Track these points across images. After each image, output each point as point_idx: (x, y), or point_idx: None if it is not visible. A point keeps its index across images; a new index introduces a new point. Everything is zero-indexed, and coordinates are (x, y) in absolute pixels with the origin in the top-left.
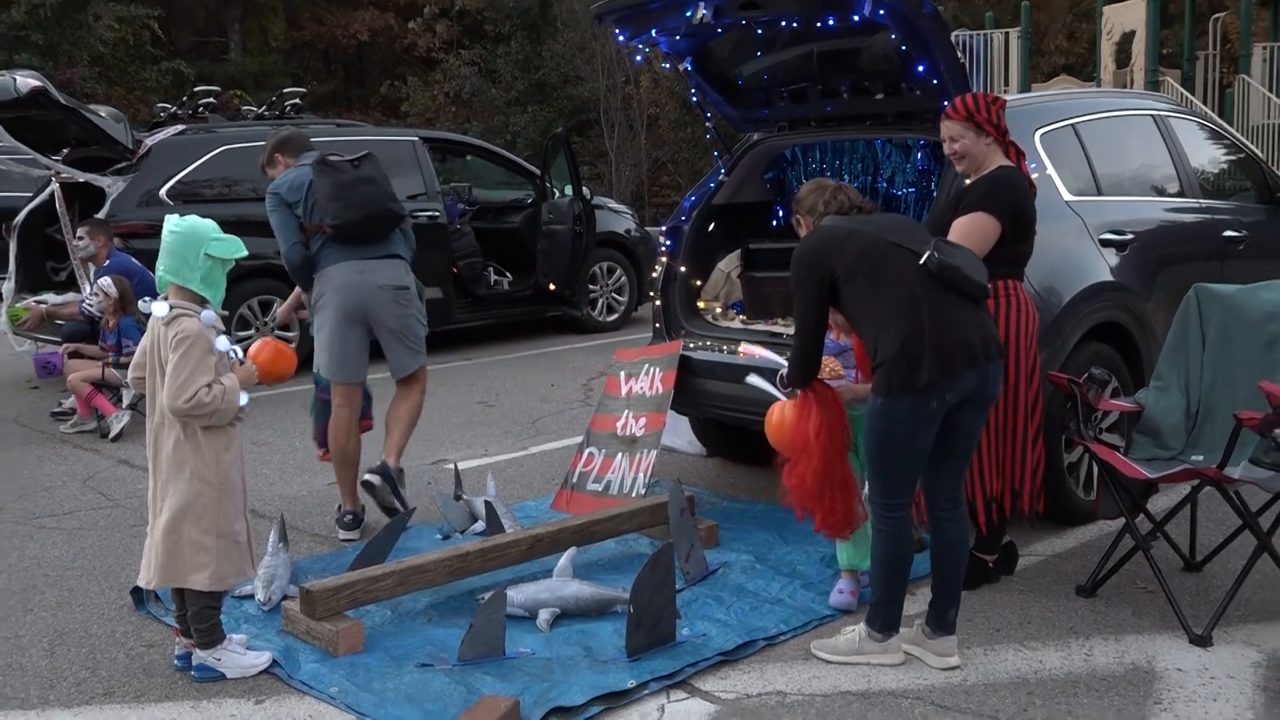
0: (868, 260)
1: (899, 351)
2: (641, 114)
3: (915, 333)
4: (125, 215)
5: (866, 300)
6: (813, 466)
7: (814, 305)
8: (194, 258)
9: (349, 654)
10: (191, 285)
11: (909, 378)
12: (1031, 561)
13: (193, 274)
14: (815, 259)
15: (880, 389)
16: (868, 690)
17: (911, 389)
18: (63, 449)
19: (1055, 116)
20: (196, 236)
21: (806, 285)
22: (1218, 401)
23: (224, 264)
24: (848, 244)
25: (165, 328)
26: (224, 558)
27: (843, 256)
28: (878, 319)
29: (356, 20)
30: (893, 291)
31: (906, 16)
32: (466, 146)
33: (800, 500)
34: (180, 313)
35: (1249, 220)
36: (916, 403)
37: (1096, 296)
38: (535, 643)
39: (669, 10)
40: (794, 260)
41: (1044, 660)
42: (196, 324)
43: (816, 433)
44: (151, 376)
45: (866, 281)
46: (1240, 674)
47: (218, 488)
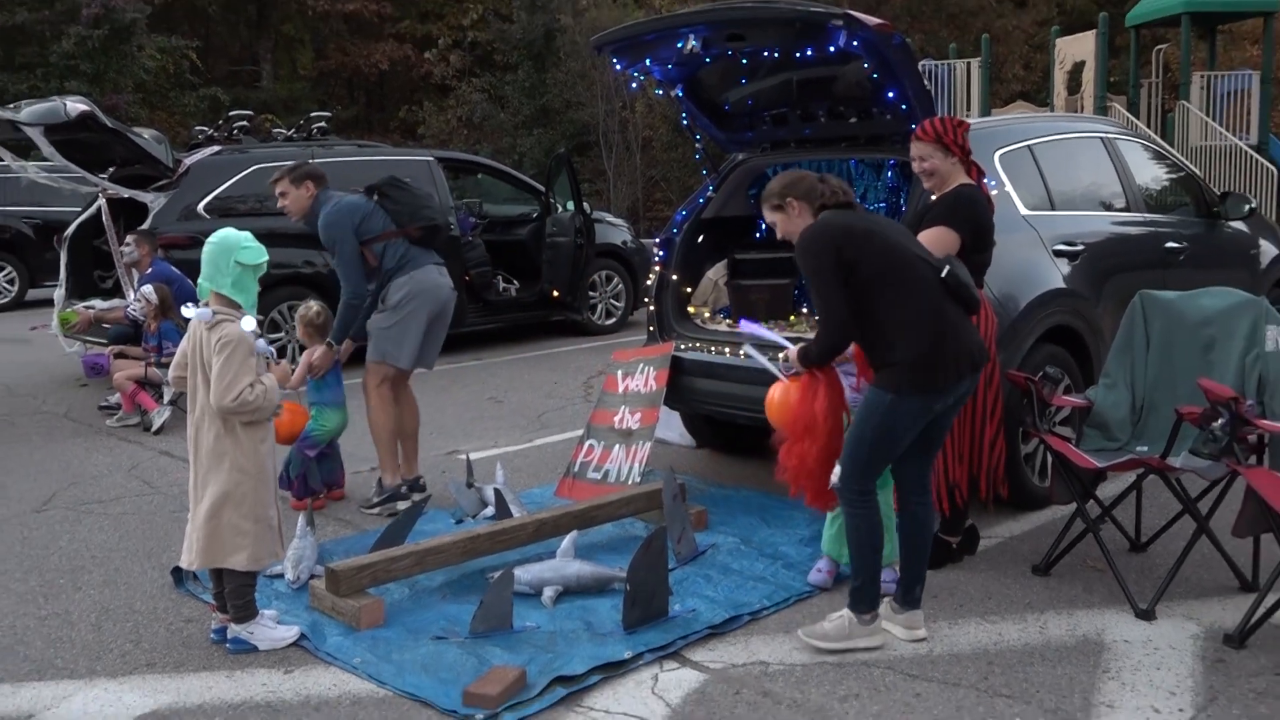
0: (894, 263)
1: (924, 355)
2: (637, 136)
3: (939, 339)
4: (166, 228)
5: (890, 301)
6: (816, 446)
7: (838, 288)
8: (226, 265)
9: (370, 628)
10: (224, 290)
11: (928, 380)
12: (991, 543)
13: (225, 280)
14: (833, 245)
15: (891, 386)
16: (842, 661)
17: (926, 390)
18: (109, 441)
19: (1013, 138)
20: (227, 246)
21: (826, 268)
22: (1160, 397)
23: (254, 271)
24: (871, 241)
25: (208, 332)
26: (259, 541)
27: (866, 251)
28: (901, 320)
29: (377, 51)
30: (919, 297)
31: (877, 47)
32: (477, 166)
33: (798, 478)
34: (222, 318)
35: (1188, 233)
36: (924, 403)
37: (1050, 302)
38: (540, 617)
39: (662, 41)
40: (809, 243)
41: (1003, 633)
42: (238, 328)
43: (824, 414)
44: (192, 376)
45: (895, 282)
46: (1181, 645)
47: (255, 477)
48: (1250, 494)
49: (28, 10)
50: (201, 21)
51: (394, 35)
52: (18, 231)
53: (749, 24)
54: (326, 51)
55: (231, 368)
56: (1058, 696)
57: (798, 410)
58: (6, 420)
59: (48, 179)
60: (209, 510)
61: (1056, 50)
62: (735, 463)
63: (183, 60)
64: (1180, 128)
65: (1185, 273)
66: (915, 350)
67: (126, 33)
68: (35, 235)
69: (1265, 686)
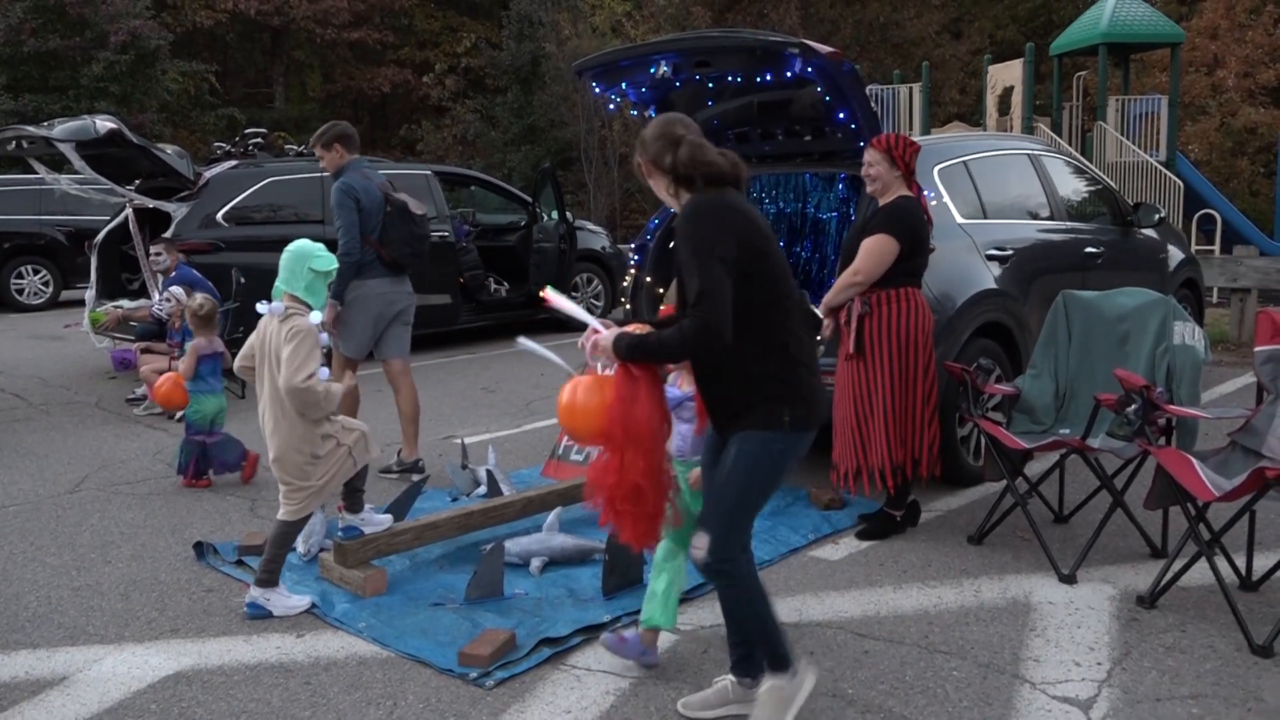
0: (783, 273)
1: (801, 385)
2: (614, 152)
3: (810, 367)
4: (188, 235)
5: (767, 319)
6: (644, 460)
7: (726, 271)
8: (301, 270)
9: (374, 596)
10: (298, 292)
11: (809, 413)
12: (931, 516)
13: (299, 283)
14: (734, 224)
15: (775, 422)
16: (799, 621)
17: (808, 426)
18: (136, 428)
19: (950, 154)
20: (303, 255)
21: (724, 243)
22: (1081, 385)
23: (325, 277)
24: (771, 243)
25: (280, 324)
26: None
27: (767, 251)
28: (775, 342)
29: (380, 75)
30: (791, 321)
31: (829, 72)
32: (471, 179)
33: (617, 504)
34: (293, 312)
35: (1106, 239)
36: (802, 441)
37: (983, 301)
38: (528, 585)
39: (636, 67)
40: (703, 213)
41: (941, 596)
42: (307, 321)
43: (651, 417)
44: (260, 365)
45: (776, 297)
46: (1099, 606)
47: (306, 456)
48: (1160, 471)
49: (60, 37)
50: (220, 48)
51: (395, 61)
52: (52, 238)
53: (715, 51)
54: (334, 75)
55: (300, 354)
56: (990, 652)
57: (617, 412)
58: (42, 409)
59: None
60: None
61: (989, 76)
62: None
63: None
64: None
65: (1102, 275)
66: (791, 377)
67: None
68: (68, 241)
69: (1173, 642)
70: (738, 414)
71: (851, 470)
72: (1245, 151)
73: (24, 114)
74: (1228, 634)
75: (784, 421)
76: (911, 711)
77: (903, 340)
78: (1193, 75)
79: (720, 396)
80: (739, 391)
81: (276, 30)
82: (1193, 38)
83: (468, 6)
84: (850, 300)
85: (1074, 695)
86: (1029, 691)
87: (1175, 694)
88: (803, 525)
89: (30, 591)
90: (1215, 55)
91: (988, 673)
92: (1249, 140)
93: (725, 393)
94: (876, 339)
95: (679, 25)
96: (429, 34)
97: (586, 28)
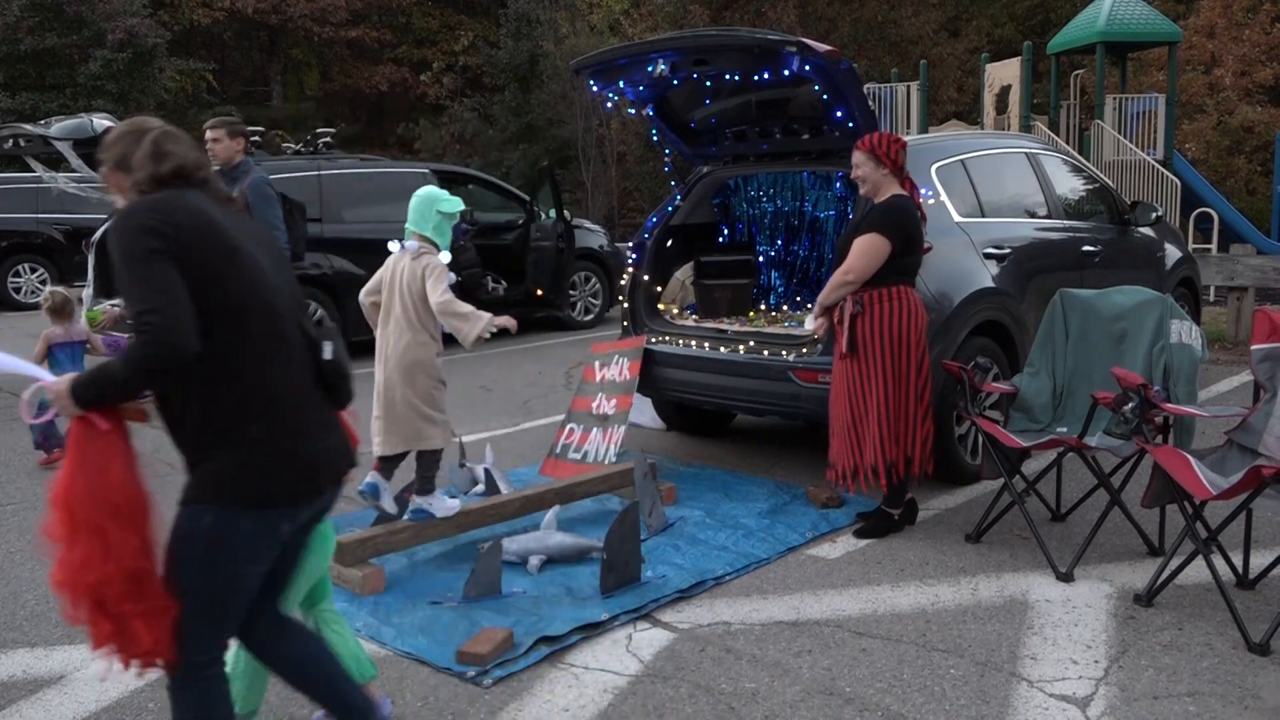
0: (251, 293)
1: (255, 447)
2: (612, 151)
3: (282, 426)
4: None
5: (227, 349)
6: (135, 539)
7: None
8: (429, 213)
9: (372, 594)
10: (427, 233)
11: (264, 488)
12: (929, 514)
13: (428, 225)
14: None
15: (207, 495)
16: (797, 620)
17: (267, 503)
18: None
19: (947, 153)
20: (431, 199)
21: (155, 263)
22: (1078, 384)
23: (450, 219)
24: (235, 259)
25: (413, 261)
26: (445, 426)
27: (225, 269)
28: (225, 379)
29: (377, 74)
30: (264, 356)
31: (827, 71)
32: (469, 177)
33: (111, 603)
34: (425, 251)
35: (1103, 238)
36: (266, 523)
37: (980, 300)
38: (526, 583)
39: (634, 66)
40: (134, 228)
41: (939, 594)
42: (439, 259)
43: (130, 482)
44: (390, 296)
45: (235, 322)
46: (1096, 604)
47: (437, 380)
48: (1157, 470)
49: (58, 35)
50: (218, 46)
51: (393, 59)
52: (49, 237)
53: (713, 50)
54: (331, 74)
55: (442, 283)
56: (988, 650)
57: (85, 482)
58: None
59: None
60: (406, 407)
61: (986, 75)
62: (701, 444)
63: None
64: (1095, 144)
65: (1100, 273)
66: (242, 434)
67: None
68: (65, 240)
69: (1170, 640)
70: (190, 470)
71: (848, 469)
72: (1242, 150)
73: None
74: (1225, 632)
75: (216, 494)
76: (909, 709)
77: (895, 338)
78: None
79: (183, 444)
80: (192, 444)
81: (274, 28)
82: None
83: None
84: (843, 299)
85: (1071, 693)
86: (1026, 689)
87: (1172, 692)
88: (801, 523)
89: (28, 590)
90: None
91: (985, 670)
92: (1246, 139)
93: (184, 441)
94: (869, 338)
95: (677, 23)
96: (426, 32)
97: (584, 26)
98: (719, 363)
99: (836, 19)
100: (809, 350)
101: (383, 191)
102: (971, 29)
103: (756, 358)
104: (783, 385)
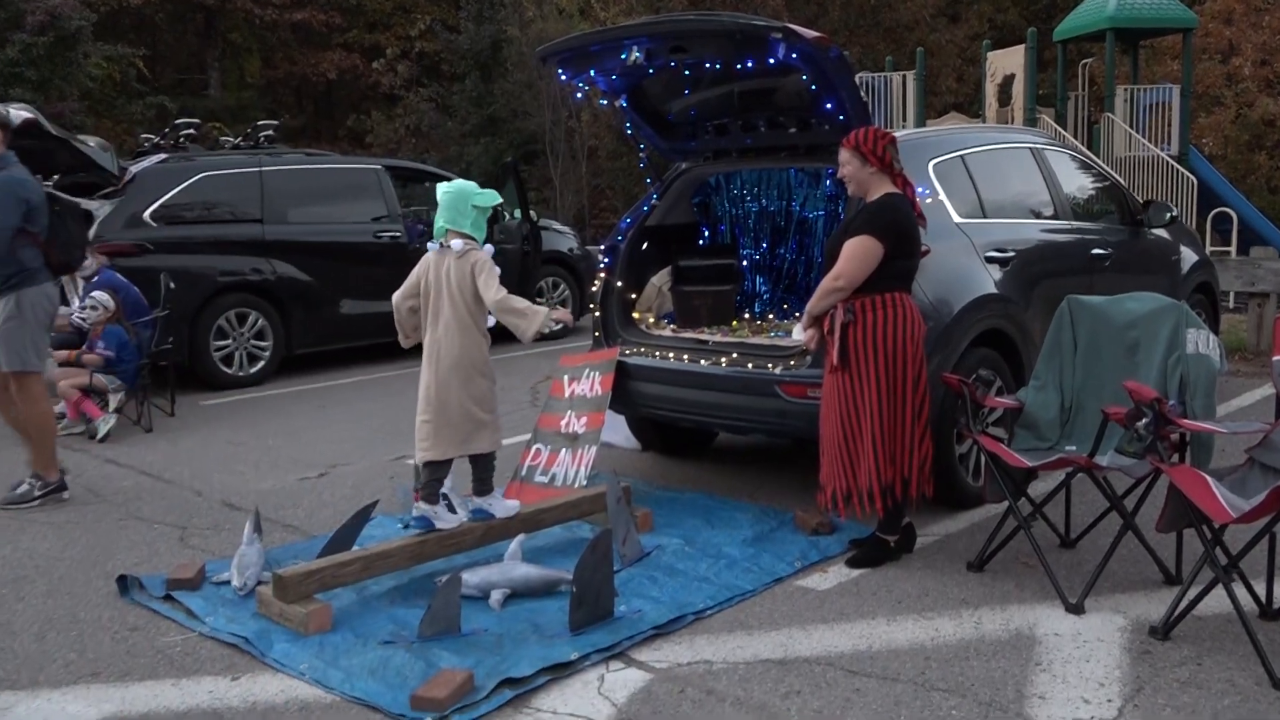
0: None
1: None
2: (582, 145)
3: None
4: (111, 236)
5: None
6: None
7: None
8: (465, 208)
9: (318, 633)
10: (464, 229)
11: None
12: (928, 541)
13: (465, 220)
14: None
15: None
16: (785, 658)
17: None
18: None
19: (946, 148)
20: (464, 193)
21: None
22: (1087, 398)
23: (485, 212)
24: None
25: (457, 260)
26: (497, 428)
27: None
28: None
29: (325, 60)
30: None
31: (815, 59)
32: (425, 174)
33: None
34: (470, 248)
35: (1114, 240)
36: None
37: (983, 307)
38: (488, 620)
39: (606, 53)
40: None
41: (939, 628)
42: (485, 254)
43: None
44: (438, 299)
45: None
46: (1109, 637)
47: (490, 379)
48: (1173, 491)
49: None
50: (148, 30)
51: (342, 45)
52: None
53: (691, 36)
54: (274, 60)
55: (494, 278)
56: (992, 689)
57: None
58: None
59: None
60: (460, 410)
61: (988, 64)
62: (679, 465)
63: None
64: (1105, 139)
65: (1110, 278)
66: None
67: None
68: None
69: (1188, 676)
70: None
71: (841, 492)
72: (1263, 145)
73: None
74: (1247, 667)
75: None
76: None
77: (890, 350)
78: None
79: None
80: None
81: (211, 10)
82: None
83: None
84: (833, 307)
85: None
86: None
87: None
88: (789, 552)
89: None
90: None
91: (989, 711)
92: (1267, 133)
93: None
94: (862, 349)
95: (653, 7)
96: (379, 15)
97: (552, 9)
98: (699, 376)
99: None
100: (797, 363)
101: (331, 190)
102: (972, 13)
103: (740, 371)
104: (769, 401)
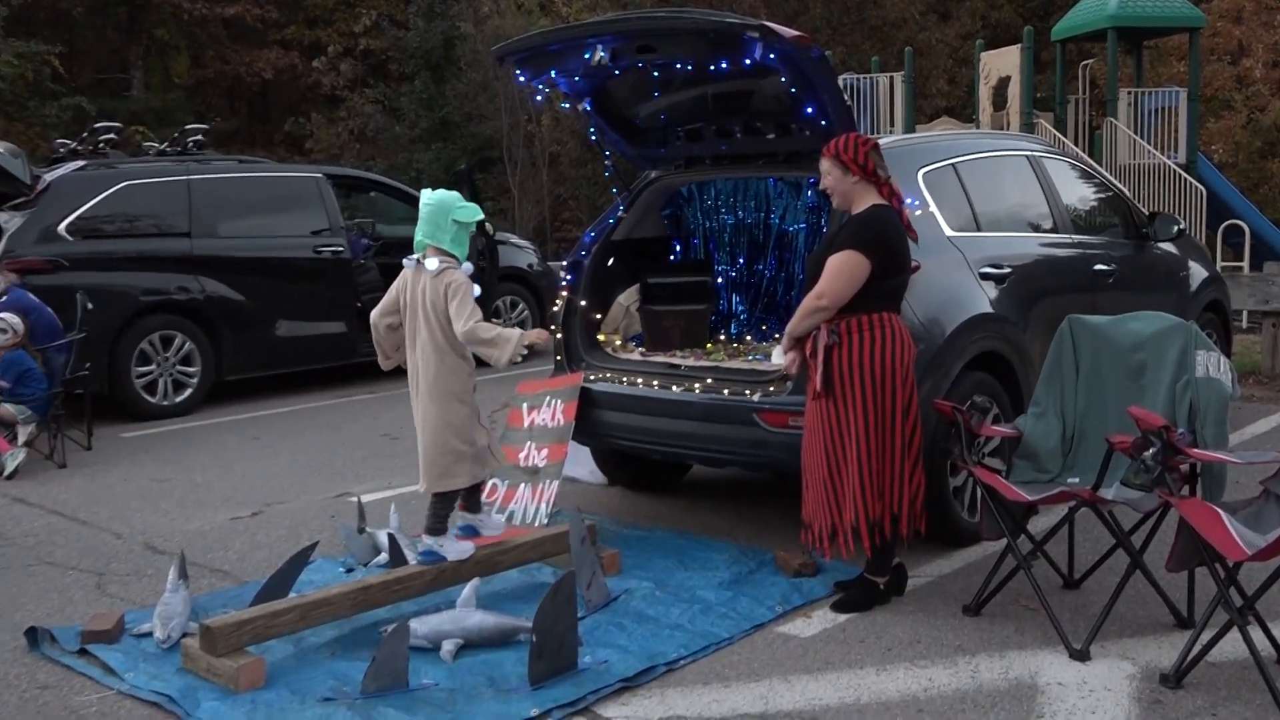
0: None
1: None
2: (543, 151)
3: None
4: (22, 251)
5: None
6: None
7: None
8: (444, 223)
9: (250, 690)
10: (444, 245)
11: None
12: (920, 582)
13: (444, 236)
14: None
15: None
16: (765, 712)
17: None
18: None
19: (937, 156)
20: (445, 207)
21: None
22: (1091, 426)
23: (466, 228)
24: None
25: (433, 279)
26: (475, 460)
27: None
28: None
29: (261, 58)
30: None
31: (795, 60)
32: (371, 183)
33: None
34: (447, 266)
35: (1118, 255)
36: None
37: (977, 327)
38: (439, 674)
39: (568, 52)
40: None
41: (933, 678)
42: (462, 274)
43: None
44: (413, 318)
45: None
46: (1116, 686)
47: (470, 406)
48: (1183, 526)
49: None
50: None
51: (279, 42)
52: None
53: (660, 35)
54: (204, 59)
55: (467, 304)
56: None
57: None
58: None
59: None
60: (435, 440)
61: (982, 65)
62: (650, 502)
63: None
64: (1108, 145)
65: (1114, 296)
66: None
67: None
68: None
69: None
70: None
71: (825, 529)
72: (1276, 152)
73: None
74: (1265, 716)
75: None
76: None
77: (878, 374)
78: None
79: None
80: None
81: (134, 4)
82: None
83: None
84: (816, 328)
85: None
86: None
87: None
88: (769, 595)
89: None
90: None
91: None
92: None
93: None
94: (847, 373)
95: (620, 3)
96: (320, 10)
97: (509, 4)
98: (670, 404)
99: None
100: (777, 389)
101: (266, 200)
102: (964, 10)
103: (715, 398)
104: (746, 430)
